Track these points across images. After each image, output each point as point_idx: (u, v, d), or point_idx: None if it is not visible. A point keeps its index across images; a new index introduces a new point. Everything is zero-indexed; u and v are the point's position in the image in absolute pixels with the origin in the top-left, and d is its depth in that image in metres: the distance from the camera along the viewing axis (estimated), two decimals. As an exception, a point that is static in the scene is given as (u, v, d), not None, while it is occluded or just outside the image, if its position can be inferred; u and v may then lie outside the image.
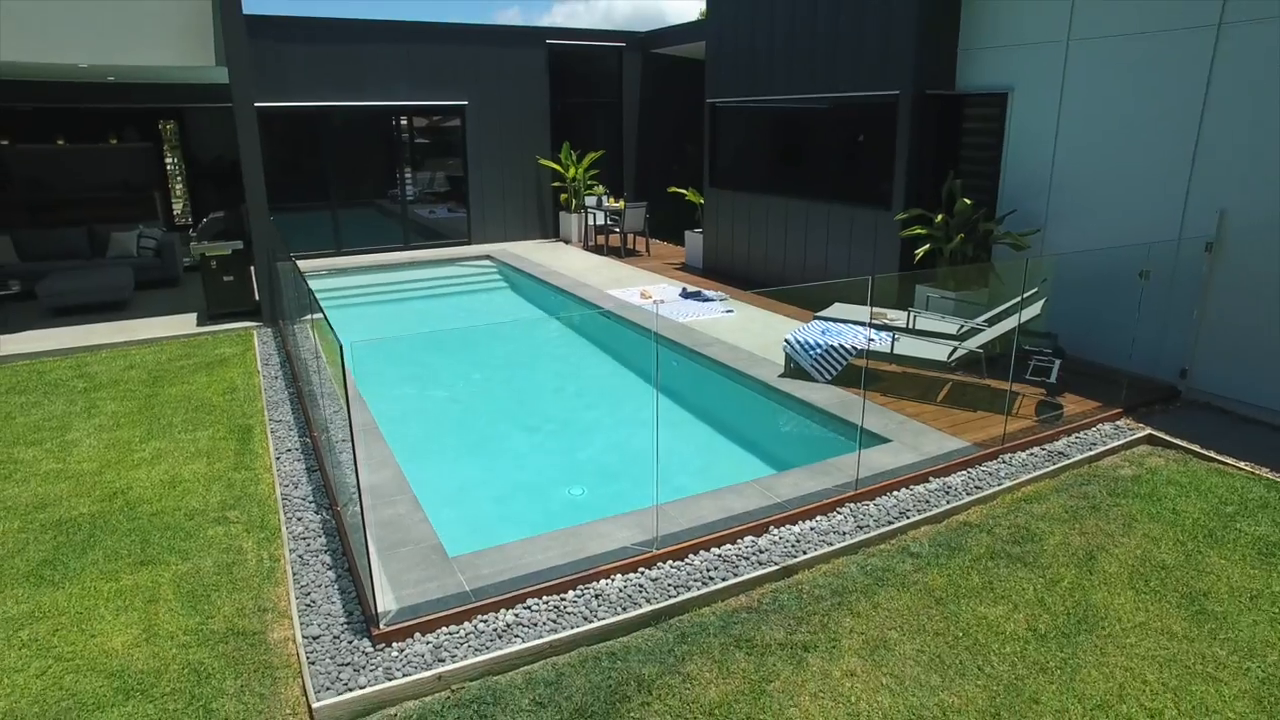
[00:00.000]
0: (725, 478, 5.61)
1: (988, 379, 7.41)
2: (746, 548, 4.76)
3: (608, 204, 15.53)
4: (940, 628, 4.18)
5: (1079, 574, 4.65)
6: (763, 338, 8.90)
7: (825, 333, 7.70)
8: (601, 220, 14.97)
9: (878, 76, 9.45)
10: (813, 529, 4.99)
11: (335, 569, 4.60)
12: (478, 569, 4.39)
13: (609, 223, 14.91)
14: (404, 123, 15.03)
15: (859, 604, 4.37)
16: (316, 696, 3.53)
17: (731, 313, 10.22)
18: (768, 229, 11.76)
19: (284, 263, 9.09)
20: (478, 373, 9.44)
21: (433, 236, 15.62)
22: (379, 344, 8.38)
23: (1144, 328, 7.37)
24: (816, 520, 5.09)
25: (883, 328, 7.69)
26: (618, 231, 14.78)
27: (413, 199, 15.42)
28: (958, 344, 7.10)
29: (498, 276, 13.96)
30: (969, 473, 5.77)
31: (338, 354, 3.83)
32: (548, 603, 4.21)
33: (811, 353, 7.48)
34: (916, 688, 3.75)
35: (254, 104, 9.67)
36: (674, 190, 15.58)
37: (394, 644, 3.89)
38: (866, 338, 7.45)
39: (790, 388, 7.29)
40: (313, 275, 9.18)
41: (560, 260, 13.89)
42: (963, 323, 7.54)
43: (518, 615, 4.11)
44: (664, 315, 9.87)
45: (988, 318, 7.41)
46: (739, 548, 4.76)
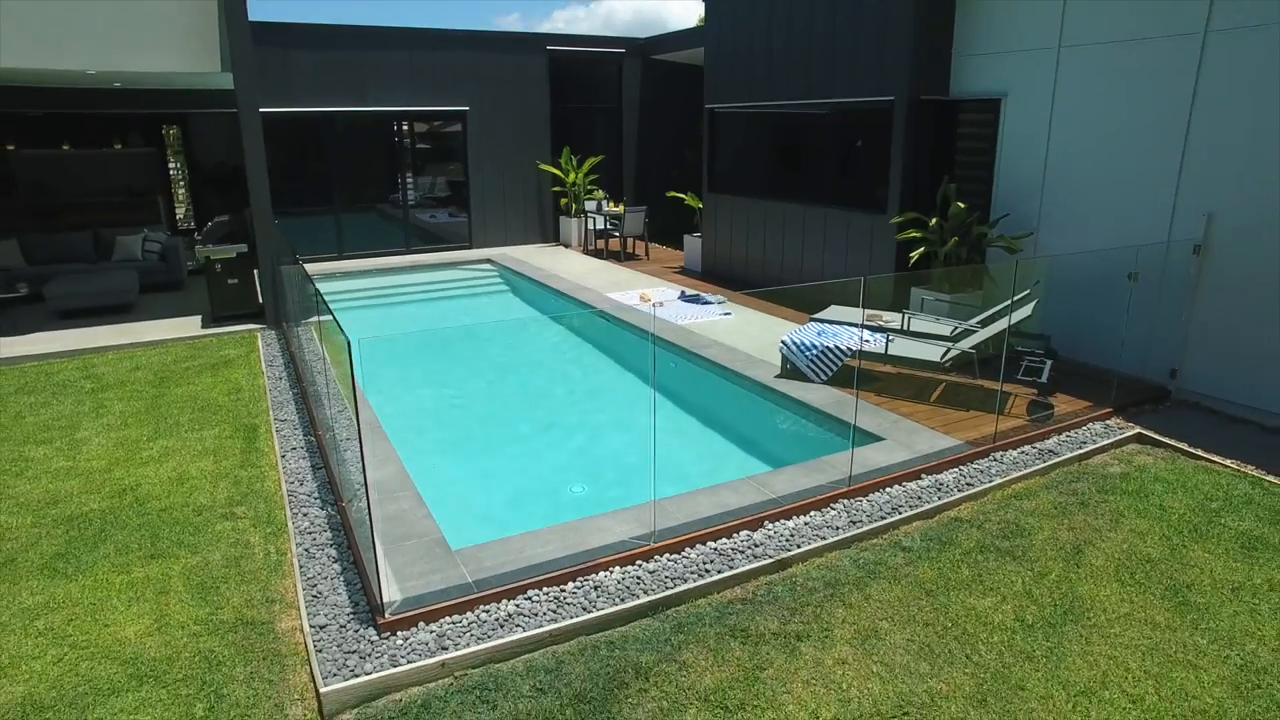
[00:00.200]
0: (722, 475, 5.73)
1: (980, 379, 7.53)
2: (742, 541, 4.88)
3: (607, 208, 15.68)
4: (930, 618, 4.29)
5: (1066, 567, 4.77)
6: (760, 339, 9.03)
7: (821, 334, 7.83)
8: (601, 224, 15.12)
9: (873, 82, 9.59)
10: (807, 524, 5.11)
11: (341, 562, 4.72)
12: (480, 561, 4.51)
13: (609, 227, 15.05)
14: (406, 128, 15.18)
15: (851, 596, 4.49)
16: (324, 682, 3.64)
17: (729, 315, 10.35)
18: (765, 233, 11.90)
19: (289, 266, 9.23)
20: (479, 374, 9.57)
21: (434, 241, 15.76)
22: (383, 346, 8.50)
23: (1134, 329, 7.50)
24: (810, 515, 5.21)
25: (878, 329, 7.81)
26: (617, 236, 14.93)
27: (414, 204, 15.57)
28: (951, 345, 7.22)
29: (498, 280, 14.10)
30: (961, 470, 5.89)
31: (346, 351, 3.96)
32: (548, 594, 4.33)
33: (808, 354, 7.61)
34: (906, 675, 3.86)
35: (259, 109, 9.81)
36: (673, 195, 15.75)
37: (399, 633, 4.01)
38: (860, 339, 7.57)
39: (786, 388, 7.42)
40: (316, 279, 9.28)
41: (560, 264, 14.03)
42: (956, 324, 7.66)
43: (519, 605, 4.23)
44: (663, 318, 10.00)
45: (981, 319, 7.53)
46: (734, 542, 4.88)
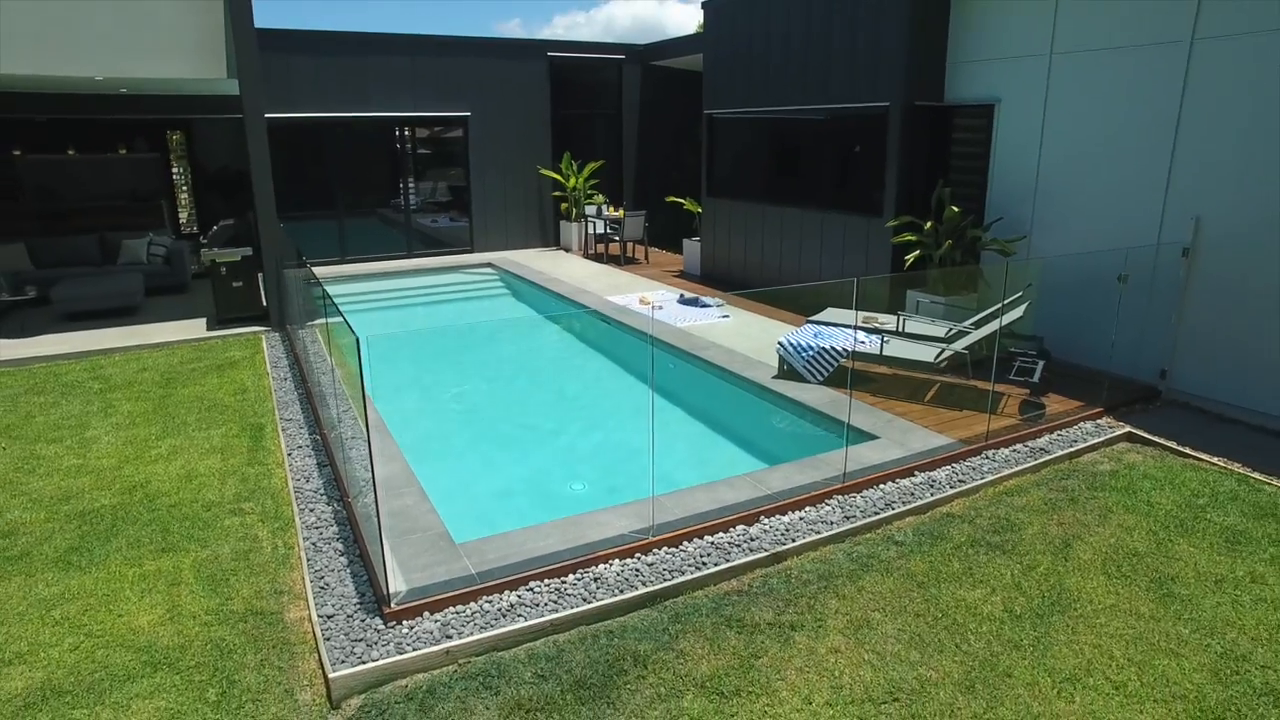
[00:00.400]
0: (720, 472, 5.85)
1: (974, 380, 7.66)
2: (738, 536, 5.00)
3: (608, 213, 15.82)
4: (921, 609, 4.41)
5: (1055, 560, 4.89)
6: (758, 341, 9.16)
7: (818, 336, 7.96)
8: (601, 229, 15.26)
9: (869, 88, 9.74)
10: (802, 519, 5.23)
11: (347, 555, 4.84)
12: (483, 554, 4.64)
13: (609, 231, 15.19)
14: (408, 133, 15.34)
15: (844, 588, 4.61)
16: (333, 668, 3.76)
17: (728, 318, 10.48)
18: (764, 236, 12.04)
19: (295, 269, 9.36)
20: (481, 375, 9.70)
21: (435, 245, 15.90)
22: (387, 347, 8.63)
23: (1125, 331, 7.63)
24: (805, 511, 5.33)
25: (874, 331, 7.94)
26: (617, 240, 15.07)
27: (416, 208, 15.72)
28: (945, 346, 7.35)
29: (499, 284, 14.24)
30: (953, 467, 6.02)
31: (355, 348, 4.08)
32: (549, 585, 4.45)
33: (804, 355, 7.74)
34: (897, 663, 3.98)
35: (264, 115, 9.96)
36: (672, 199, 15.90)
37: (404, 622, 4.13)
38: (855, 340, 7.70)
39: (783, 388, 7.55)
40: (314, 283, 9.42)
41: (561, 268, 14.16)
42: (951, 326, 7.80)
43: (521, 596, 4.35)
44: (662, 320, 10.14)
45: (974, 321, 7.66)
46: (731, 536, 5.00)
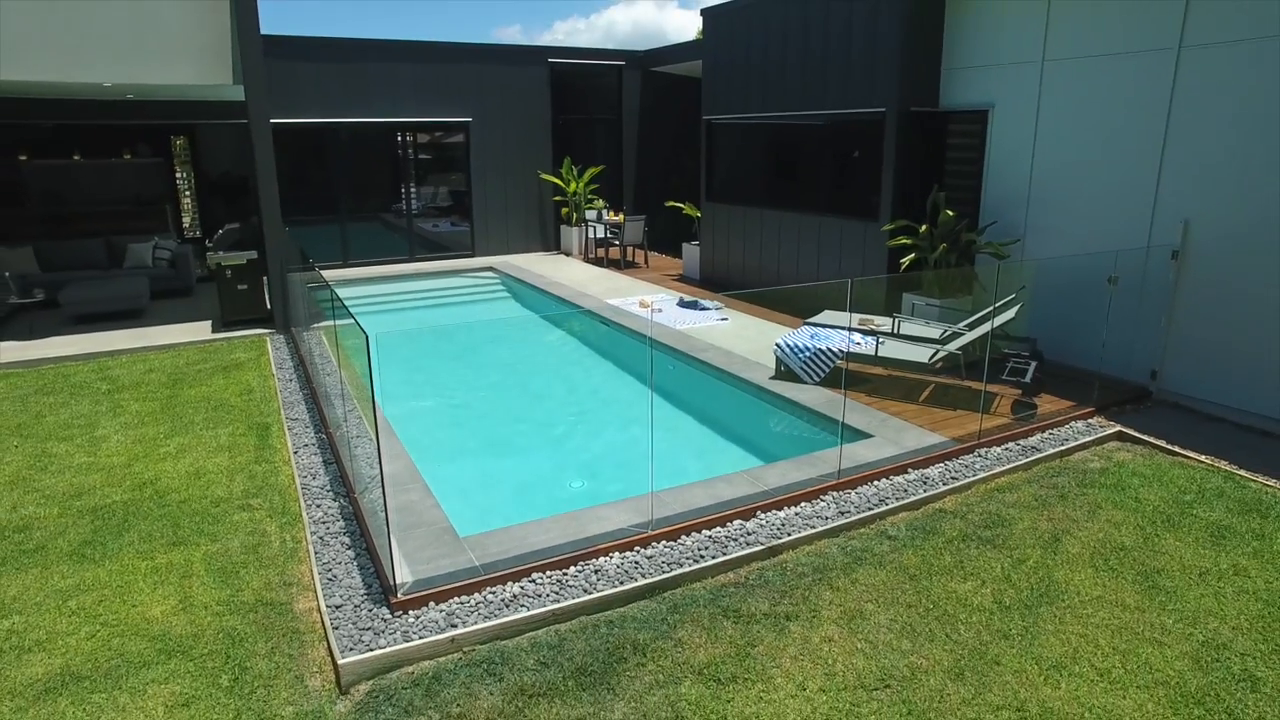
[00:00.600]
0: (717, 470, 5.98)
1: (967, 380, 7.79)
2: (735, 530, 5.13)
3: (608, 217, 15.97)
4: (913, 600, 4.54)
5: (1044, 554, 5.01)
6: (756, 343, 9.29)
7: (814, 337, 8.09)
8: (601, 233, 15.40)
9: (865, 95, 9.89)
10: (797, 514, 5.36)
11: (354, 549, 4.97)
12: (486, 547, 4.76)
13: (609, 235, 15.33)
14: (410, 138, 15.49)
15: (838, 580, 4.73)
16: (342, 655, 3.89)
17: (726, 320, 10.61)
18: (762, 240, 12.19)
19: (301, 272, 9.50)
20: (483, 376, 9.83)
21: (437, 249, 16.05)
22: (392, 348, 8.76)
23: (1117, 332, 7.76)
24: (801, 506, 5.46)
25: (870, 333, 8.07)
26: (617, 244, 15.21)
27: (418, 213, 15.87)
28: (939, 347, 7.48)
29: (501, 287, 14.38)
30: (946, 465, 6.15)
31: (365, 346, 4.21)
32: (551, 577, 4.57)
33: (801, 356, 7.87)
34: (889, 651, 4.11)
35: (270, 120, 10.11)
36: (672, 204, 16.05)
37: (410, 611, 4.25)
38: (851, 341, 7.84)
39: (780, 389, 7.68)
40: (319, 286, 9.57)
41: (562, 272, 14.30)
42: (946, 328, 7.93)
43: (523, 587, 4.47)
44: (662, 323, 10.27)
45: (968, 323, 7.80)
46: (728, 530, 5.12)
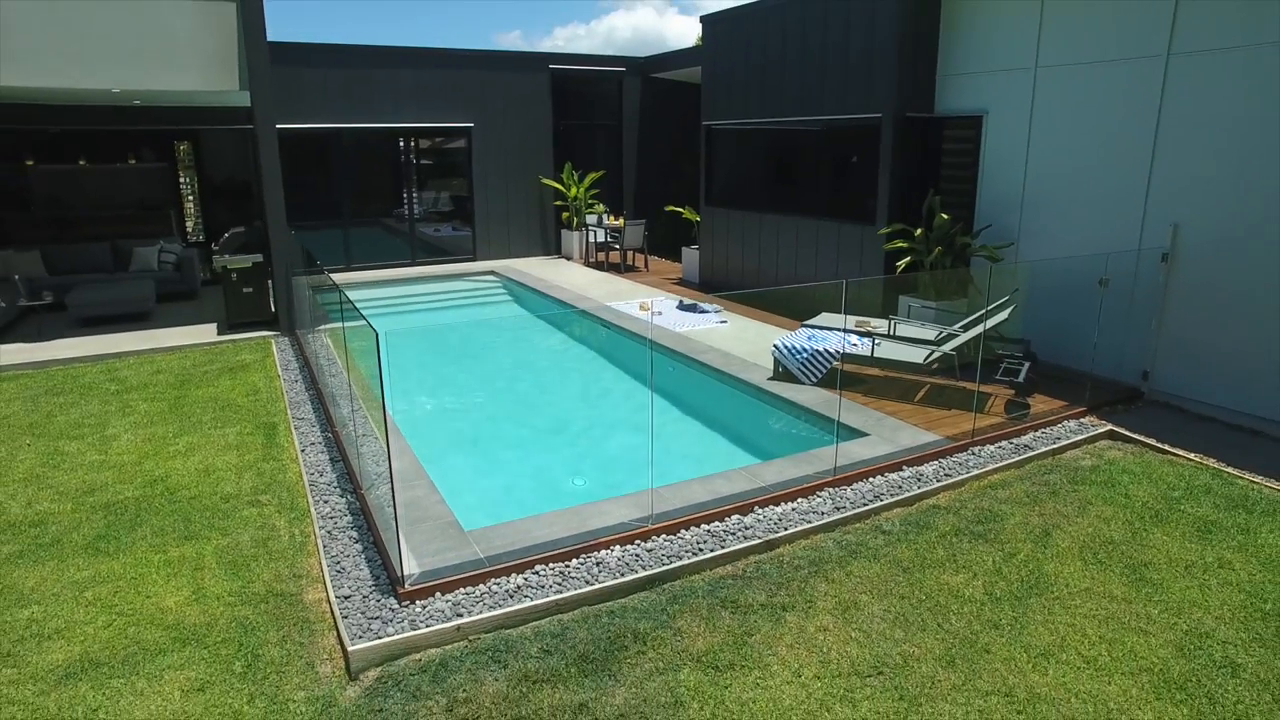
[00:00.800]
0: (716, 468, 6.10)
1: (962, 381, 7.92)
2: (733, 524, 5.25)
3: (608, 222, 16.13)
4: (906, 592, 4.66)
5: (1034, 548, 5.14)
6: (754, 345, 9.42)
7: (812, 339, 8.22)
8: (602, 237, 15.55)
9: (862, 100, 10.04)
10: (794, 509, 5.48)
11: (361, 542, 5.10)
12: (490, 540, 4.89)
13: (609, 240, 15.48)
14: (412, 144, 15.65)
15: (834, 572, 4.85)
16: (351, 642, 4.01)
17: (725, 323, 10.75)
18: (760, 244, 12.33)
19: (308, 275, 9.63)
20: (485, 377, 9.96)
21: (438, 253, 16.20)
22: (397, 350, 8.89)
23: (1109, 334, 7.89)
24: (797, 502, 5.59)
25: (866, 334, 8.21)
26: (618, 248, 15.36)
27: (420, 217, 16.02)
28: (934, 348, 7.61)
29: (502, 291, 14.52)
30: (940, 463, 6.27)
31: (374, 344, 4.35)
32: (554, 569, 4.70)
33: (798, 357, 8.00)
34: (882, 640, 4.23)
35: (275, 125, 10.26)
36: (672, 208, 16.20)
37: (417, 601, 4.38)
38: (848, 343, 7.97)
39: (778, 389, 7.81)
40: (326, 289, 9.69)
41: (562, 276, 14.45)
42: (941, 329, 8.07)
43: (527, 579, 4.60)
44: (662, 326, 10.41)
45: (962, 325, 7.93)
46: (726, 524, 5.25)
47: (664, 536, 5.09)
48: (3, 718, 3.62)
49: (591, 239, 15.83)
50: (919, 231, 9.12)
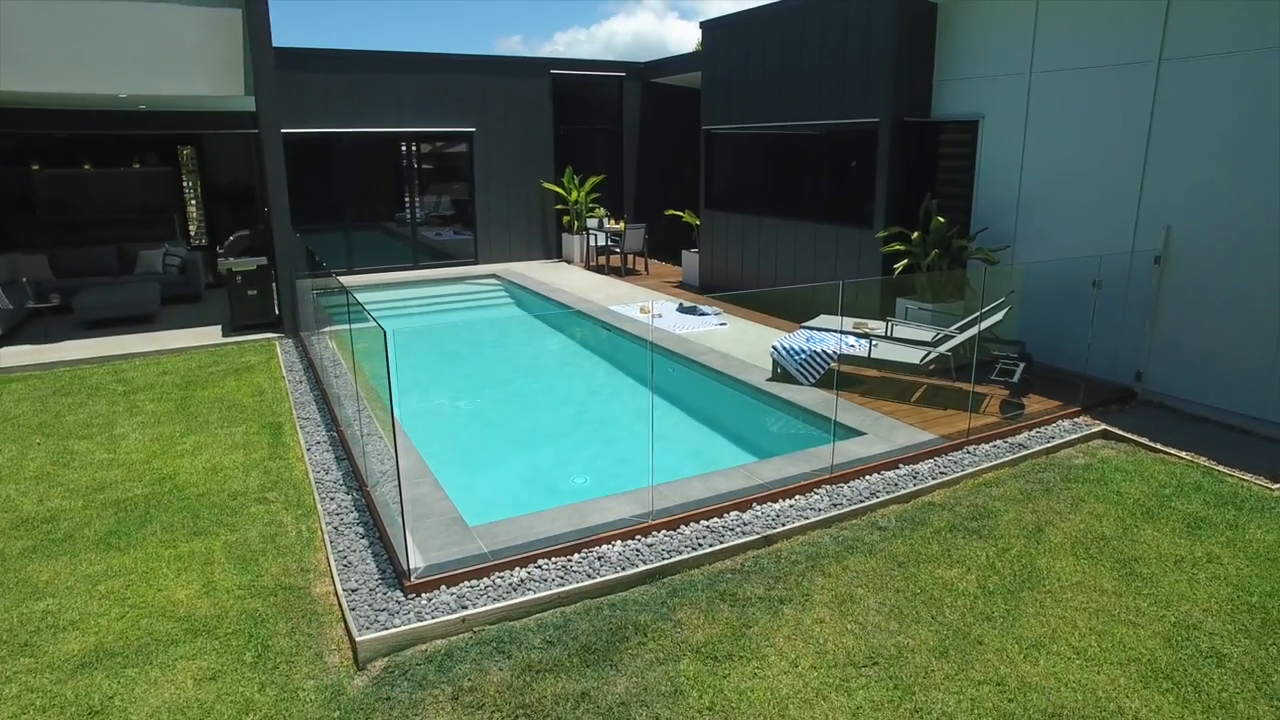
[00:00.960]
0: (715, 466, 6.20)
1: (958, 382, 8.03)
2: (732, 520, 5.36)
3: (608, 225, 16.24)
4: (901, 586, 4.76)
5: (1027, 544, 5.24)
6: (753, 347, 9.53)
7: (810, 340, 8.33)
8: (603, 241, 15.67)
9: (860, 105, 10.17)
10: (791, 506, 5.59)
11: (367, 538, 5.20)
12: (494, 536, 4.99)
13: (610, 243, 15.60)
14: (414, 148, 15.78)
15: (830, 567, 4.96)
16: (359, 633, 4.11)
17: (725, 326, 10.86)
18: (760, 248, 12.45)
19: (313, 278, 9.75)
20: (487, 378, 10.06)
21: (440, 257, 16.31)
22: (401, 351, 9.00)
23: (1103, 335, 8.00)
24: (795, 499, 5.69)
25: (864, 336, 8.32)
26: (618, 252, 15.48)
27: (421, 221, 16.14)
28: (930, 349, 7.72)
29: (504, 294, 14.63)
30: (935, 461, 6.38)
31: (376, 345, 4.46)
32: (556, 563, 4.80)
33: (796, 358, 8.11)
34: (877, 631, 4.33)
35: (281, 130, 10.38)
36: (672, 212, 16.33)
37: (423, 594, 4.48)
38: (845, 344, 8.08)
39: (776, 390, 7.91)
40: (328, 292, 9.81)
41: (563, 279, 14.56)
42: (938, 331, 8.18)
43: (530, 573, 4.70)
44: (662, 328, 10.52)
45: (958, 326, 8.04)
46: (725, 520, 5.36)
47: (664, 532, 5.19)
48: (22, 704, 3.72)
49: (592, 243, 15.95)
50: (916, 235, 9.23)
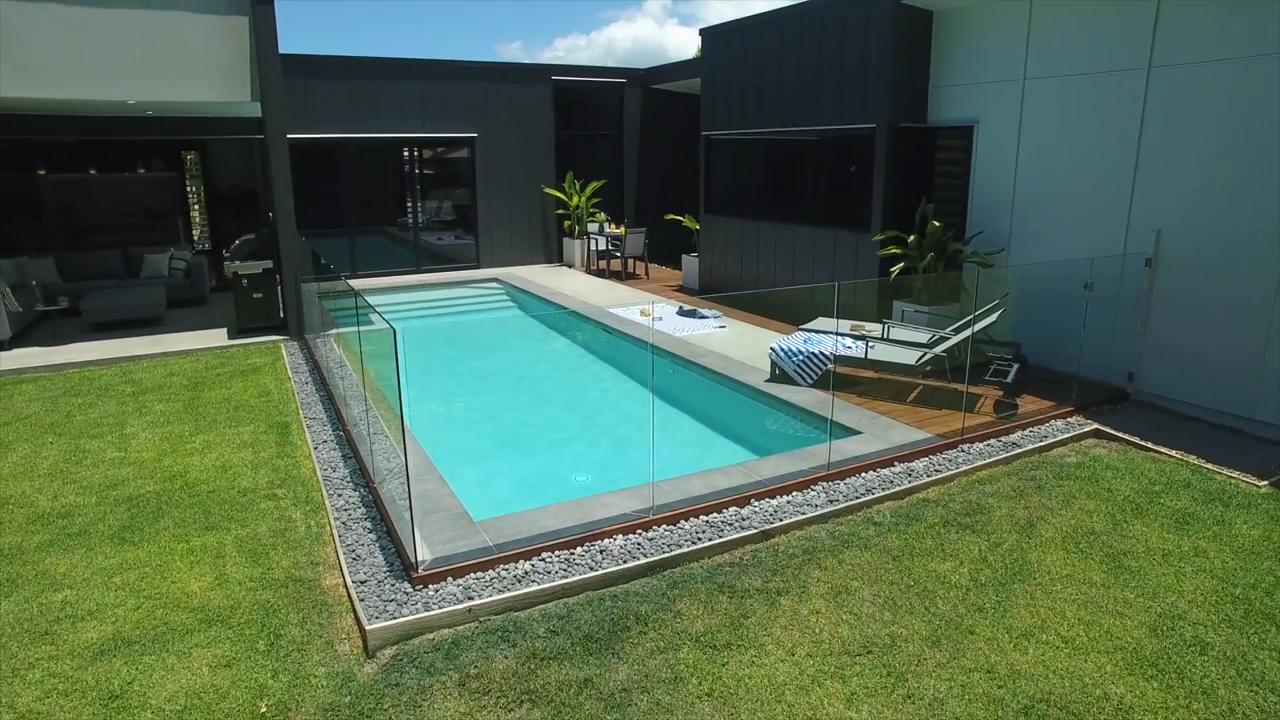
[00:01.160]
0: (715, 464, 6.33)
1: (953, 383, 8.16)
2: (730, 516, 5.49)
3: (609, 230, 16.39)
4: (895, 578, 4.89)
5: (1019, 538, 5.37)
6: (752, 349, 9.67)
7: (807, 342, 8.47)
8: (603, 245, 15.82)
9: (857, 111, 10.32)
10: (789, 502, 5.72)
11: (375, 532, 5.33)
12: (499, 530, 5.12)
13: (610, 248, 15.75)
14: (416, 153, 15.94)
15: (826, 560, 5.08)
16: (368, 622, 4.24)
17: (724, 328, 11.00)
18: (759, 251, 12.60)
19: (319, 281, 9.89)
20: (492, 377, 10.20)
21: (442, 261, 16.46)
22: (405, 352, 9.14)
23: (1096, 336, 8.14)
24: (793, 495, 5.82)
25: (860, 337, 8.45)
26: (619, 256, 15.63)
27: (424, 226, 16.29)
28: (926, 350, 7.86)
29: (506, 297, 14.78)
30: (930, 459, 6.51)
31: (381, 346, 4.59)
32: (559, 556, 4.93)
33: (794, 359, 8.24)
34: (871, 622, 4.46)
35: (286, 135, 10.53)
36: (672, 217, 16.49)
37: (430, 585, 4.61)
38: (842, 345, 8.22)
39: (775, 390, 8.05)
40: (330, 295, 9.97)
41: (565, 283, 14.71)
42: (934, 332, 8.31)
43: (534, 565, 4.83)
44: (662, 330, 10.65)
45: (954, 328, 8.18)
46: (724, 516, 5.49)
47: (664, 526, 5.32)
48: (46, 689, 3.85)
49: (593, 247, 16.10)
50: (912, 238, 9.38)
